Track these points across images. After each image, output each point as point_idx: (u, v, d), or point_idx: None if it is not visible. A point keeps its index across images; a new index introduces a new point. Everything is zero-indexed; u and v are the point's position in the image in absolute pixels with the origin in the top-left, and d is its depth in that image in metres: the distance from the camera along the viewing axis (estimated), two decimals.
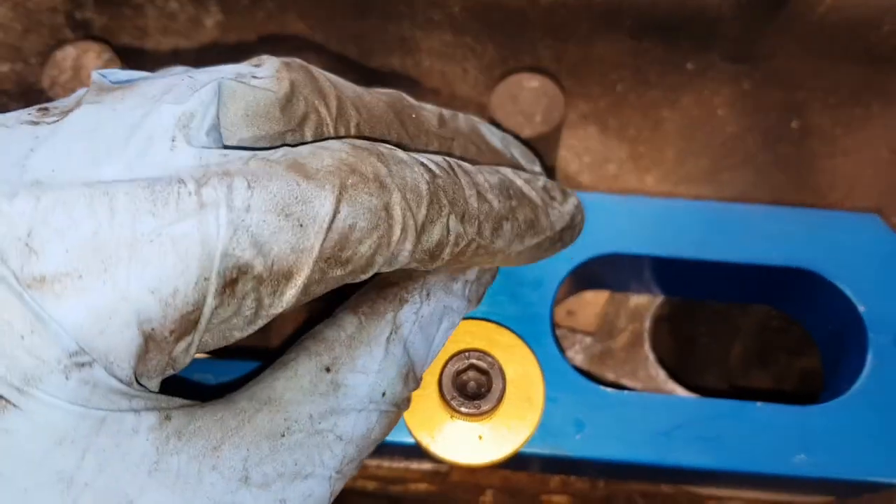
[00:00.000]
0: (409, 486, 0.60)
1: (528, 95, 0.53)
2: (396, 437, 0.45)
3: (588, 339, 0.55)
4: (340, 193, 0.31)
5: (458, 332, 0.45)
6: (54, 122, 0.31)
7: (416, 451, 0.45)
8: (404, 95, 0.42)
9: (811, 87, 0.62)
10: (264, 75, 0.34)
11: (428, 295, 0.40)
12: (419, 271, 0.40)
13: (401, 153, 0.35)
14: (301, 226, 0.30)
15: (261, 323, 0.32)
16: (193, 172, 0.29)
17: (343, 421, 0.35)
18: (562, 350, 0.48)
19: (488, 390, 0.43)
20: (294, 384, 0.35)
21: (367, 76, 0.64)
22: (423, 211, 0.34)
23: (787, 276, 0.51)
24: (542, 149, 0.54)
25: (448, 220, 0.35)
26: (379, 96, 0.39)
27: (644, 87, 0.63)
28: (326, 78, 0.37)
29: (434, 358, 0.41)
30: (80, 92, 0.34)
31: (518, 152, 0.47)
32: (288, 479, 0.33)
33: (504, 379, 0.44)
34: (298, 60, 0.37)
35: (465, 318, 0.46)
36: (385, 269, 0.34)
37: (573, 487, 0.55)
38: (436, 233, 0.34)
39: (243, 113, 0.32)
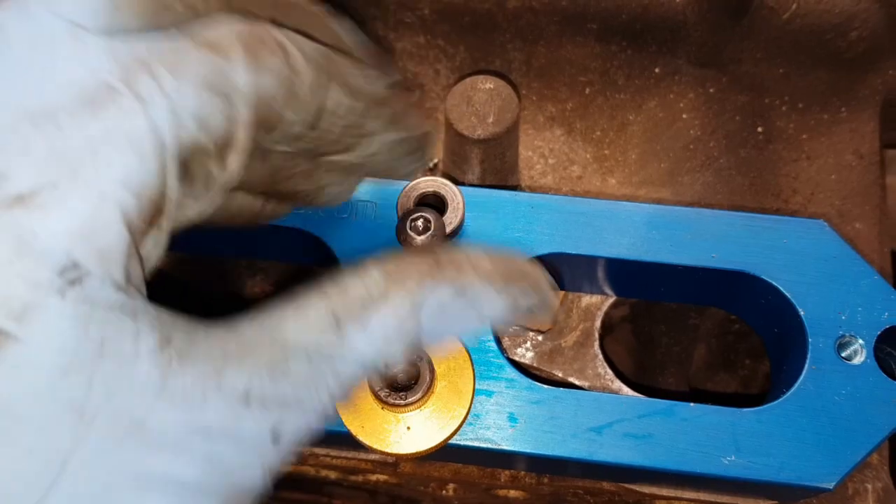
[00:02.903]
0: (369, 477, 0.62)
1: (482, 97, 0.54)
2: (332, 425, 0.46)
3: (539, 337, 0.56)
4: (250, 59, 0.33)
5: None
6: None
7: (351, 441, 0.46)
8: None
9: (778, 91, 0.62)
10: None
11: (465, 290, 0.37)
12: (465, 263, 0.38)
13: (280, 30, 0.36)
14: (227, 96, 0.32)
15: (211, 198, 0.34)
16: (114, 72, 0.31)
17: (341, 364, 0.36)
18: (501, 347, 0.49)
19: (416, 383, 0.45)
20: (301, 324, 0.35)
21: None
22: (323, 76, 0.36)
23: (733, 280, 0.51)
24: (496, 148, 0.56)
25: (330, 87, 0.36)
26: None
27: (612, 89, 0.64)
28: None
29: (444, 342, 0.39)
30: None
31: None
32: (285, 406, 0.34)
33: (432, 372, 0.45)
34: None
35: None
36: (298, 130, 0.36)
37: (522, 482, 0.56)
38: (329, 97, 0.36)
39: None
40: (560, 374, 0.55)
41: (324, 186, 0.44)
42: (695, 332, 0.62)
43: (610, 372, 0.54)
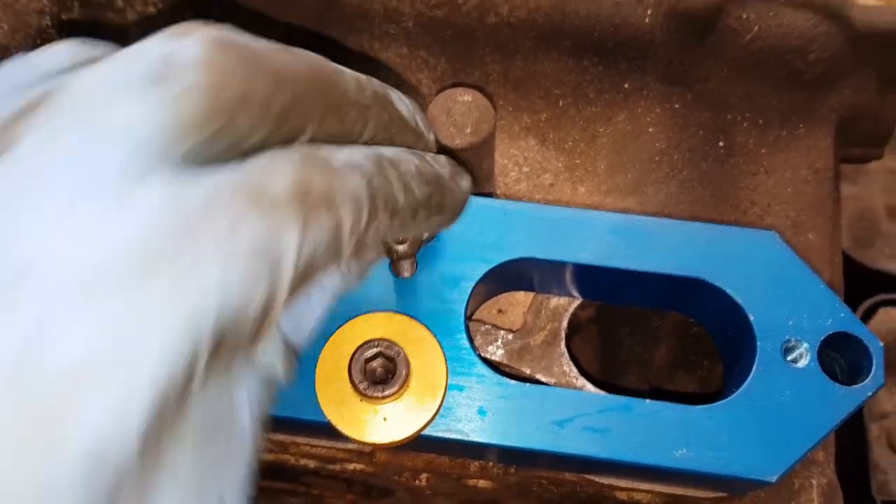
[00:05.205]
0: (346, 466, 0.65)
1: (460, 108, 0.57)
2: (313, 415, 0.49)
3: (509, 336, 0.59)
4: (304, 223, 0.32)
5: (374, 324, 0.50)
6: None
7: (331, 430, 0.50)
8: (322, 59, 0.40)
9: (740, 108, 0.66)
10: (190, 59, 0.31)
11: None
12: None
13: (339, 157, 0.36)
14: (276, 264, 0.31)
15: (226, 378, 0.35)
16: (172, 228, 0.29)
17: (248, 402, 0.37)
18: (473, 344, 0.53)
19: (393, 376, 0.48)
20: (200, 399, 0.34)
21: None
22: (364, 219, 0.35)
23: (689, 286, 0.55)
24: (474, 157, 0.59)
25: (380, 221, 0.37)
26: (304, 60, 0.37)
27: (584, 102, 0.67)
28: (258, 47, 0.35)
29: (311, 331, 0.44)
30: None
31: (420, 119, 0.48)
32: (224, 480, 0.35)
33: (408, 367, 0.48)
34: (226, 34, 0.34)
35: (381, 312, 0.51)
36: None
37: (490, 473, 0.60)
38: (369, 233, 0.37)
39: (179, 131, 0.31)
40: (528, 371, 0.58)
41: None
42: (656, 334, 0.66)
43: (575, 370, 0.58)
